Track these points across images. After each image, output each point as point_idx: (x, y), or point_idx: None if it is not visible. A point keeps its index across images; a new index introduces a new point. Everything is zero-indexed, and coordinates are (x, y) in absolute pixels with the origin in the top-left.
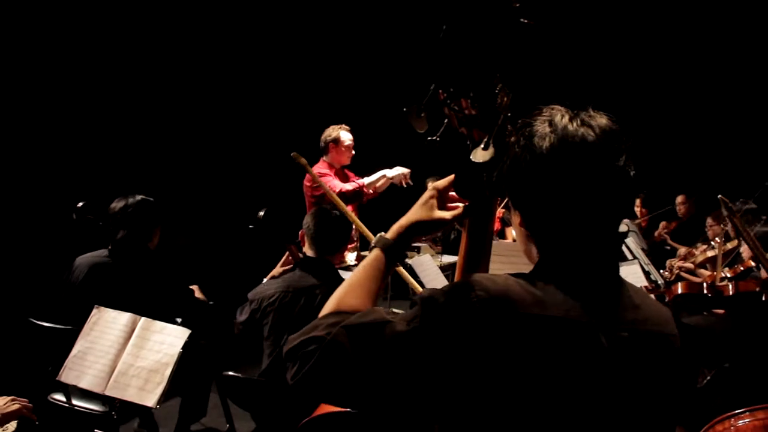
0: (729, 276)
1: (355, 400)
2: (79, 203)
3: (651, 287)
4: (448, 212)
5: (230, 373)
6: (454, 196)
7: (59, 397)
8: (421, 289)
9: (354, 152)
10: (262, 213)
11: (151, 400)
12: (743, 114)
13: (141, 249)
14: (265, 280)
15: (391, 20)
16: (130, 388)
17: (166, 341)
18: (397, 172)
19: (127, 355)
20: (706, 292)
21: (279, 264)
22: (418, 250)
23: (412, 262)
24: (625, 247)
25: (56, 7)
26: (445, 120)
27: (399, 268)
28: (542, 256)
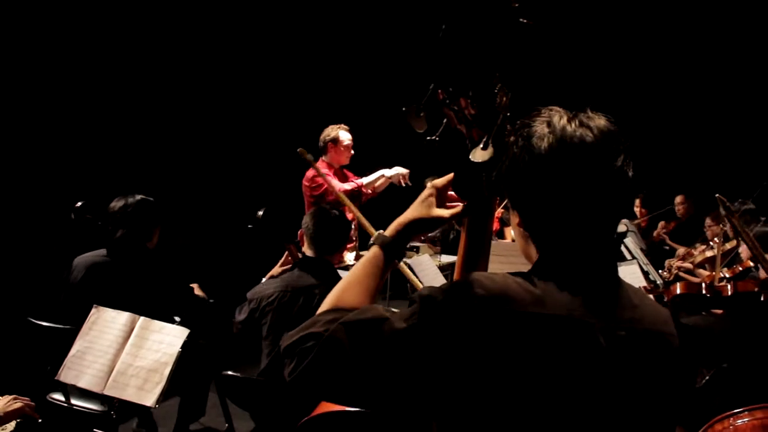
0: (728, 276)
1: (352, 397)
2: (78, 203)
3: (650, 287)
4: (447, 210)
5: (229, 373)
6: (453, 196)
7: (58, 397)
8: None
9: (353, 152)
10: (261, 213)
11: (149, 400)
12: (742, 114)
13: (140, 249)
14: (264, 280)
15: (391, 20)
16: (129, 388)
17: (165, 341)
18: (396, 172)
19: (126, 354)
20: (704, 293)
21: (278, 264)
22: (416, 250)
23: (411, 262)
24: (623, 247)
25: (56, 7)
26: (444, 120)
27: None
28: (541, 256)
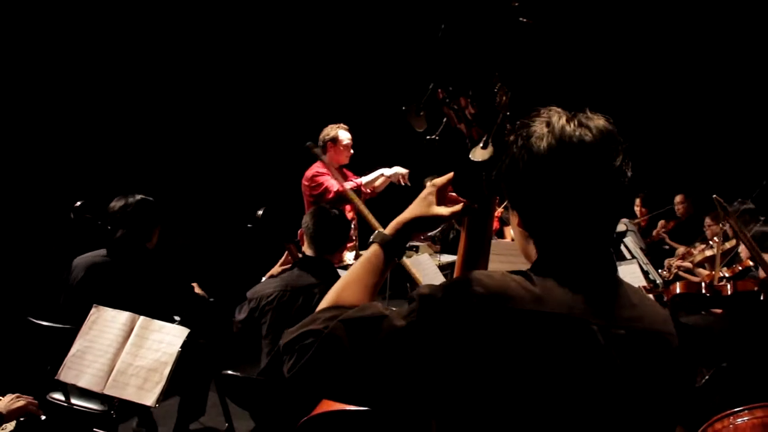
0: (727, 275)
1: (351, 394)
2: (77, 202)
3: (649, 287)
4: (447, 209)
5: (229, 372)
6: (453, 195)
7: (58, 396)
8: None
9: (352, 151)
10: (260, 212)
11: (149, 399)
12: (742, 114)
13: (140, 248)
14: (263, 279)
15: (390, 19)
16: (129, 387)
17: (164, 340)
18: (395, 171)
19: (125, 354)
20: (704, 292)
21: (278, 263)
22: (416, 249)
23: (410, 261)
24: (623, 247)
25: (56, 7)
26: (444, 119)
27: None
28: (540, 255)
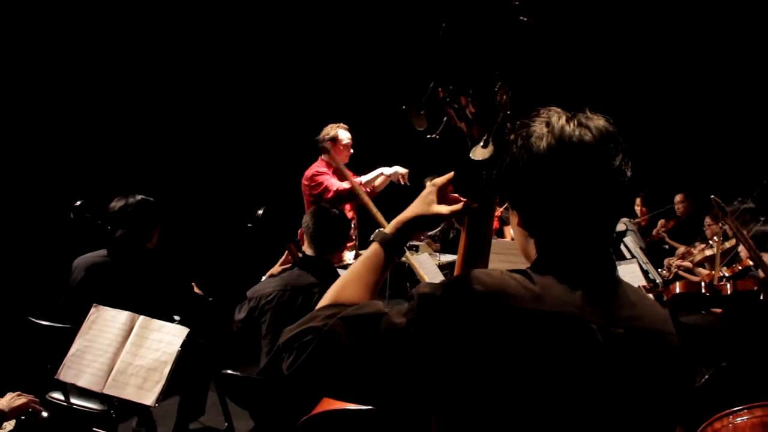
0: (727, 275)
1: (350, 392)
2: (77, 202)
3: (649, 286)
4: (447, 207)
5: (229, 372)
6: (454, 195)
7: (58, 396)
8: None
9: (352, 151)
10: (260, 212)
11: (149, 399)
12: (742, 113)
13: (140, 249)
14: (263, 279)
15: (391, 18)
16: (129, 387)
17: (164, 340)
18: (395, 171)
19: (125, 353)
20: (704, 291)
21: (278, 262)
22: (416, 248)
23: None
24: (623, 246)
25: (56, 7)
26: (445, 118)
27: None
28: (540, 254)
